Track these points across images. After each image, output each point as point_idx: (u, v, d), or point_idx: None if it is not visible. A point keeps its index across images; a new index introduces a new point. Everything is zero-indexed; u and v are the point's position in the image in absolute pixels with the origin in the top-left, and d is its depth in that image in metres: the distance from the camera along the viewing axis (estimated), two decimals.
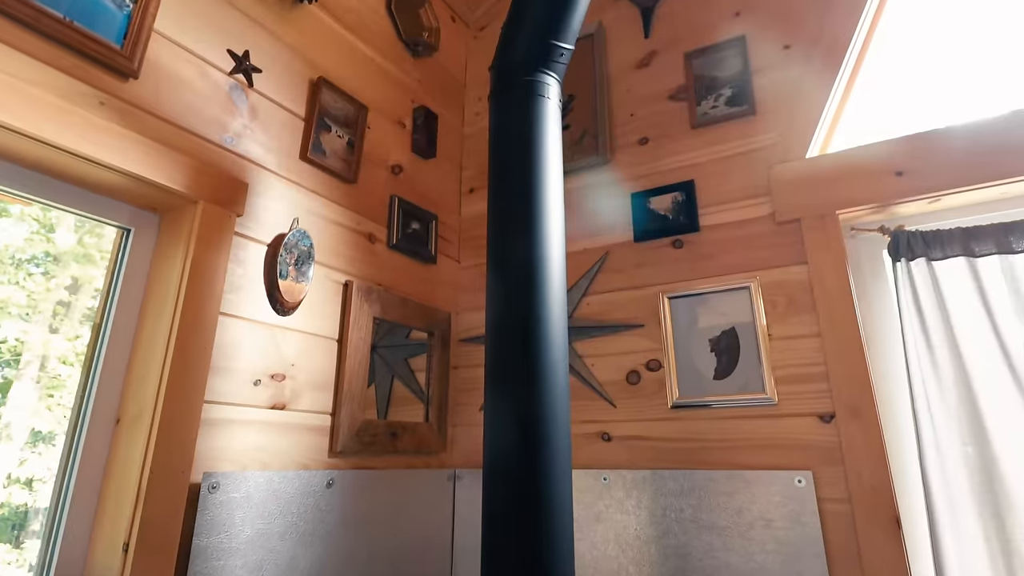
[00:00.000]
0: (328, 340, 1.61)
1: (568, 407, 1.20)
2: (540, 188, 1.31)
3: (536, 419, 1.14)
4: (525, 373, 1.17)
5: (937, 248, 1.48)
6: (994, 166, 1.42)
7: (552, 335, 1.21)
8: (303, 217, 1.60)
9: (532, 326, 1.20)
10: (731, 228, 1.73)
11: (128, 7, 1.28)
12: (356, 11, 1.95)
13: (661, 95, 1.99)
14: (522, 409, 1.15)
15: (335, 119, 1.75)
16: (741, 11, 1.92)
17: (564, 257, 1.31)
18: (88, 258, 1.39)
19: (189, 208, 1.34)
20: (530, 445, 1.13)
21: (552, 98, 1.42)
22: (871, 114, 1.74)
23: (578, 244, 1.98)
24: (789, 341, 1.57)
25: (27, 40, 1.11)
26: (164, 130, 1.31)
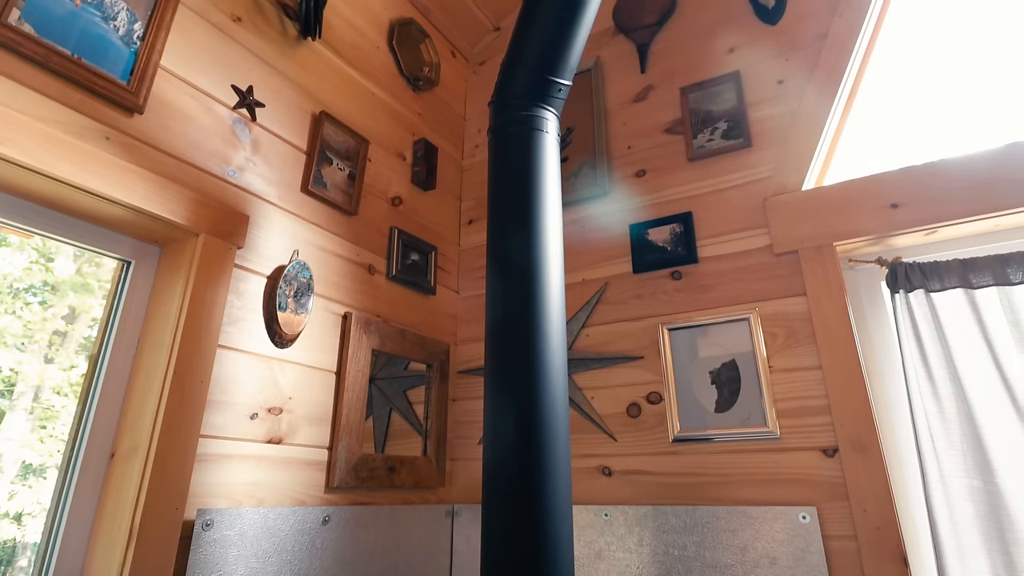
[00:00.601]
0: (326, 373, 1.60)
1: (568, 440, 1.19)
2: (539, 220, 1.32)
3: (536, 453, 1.13)
4: (525, 406, 1.16)
5: (935, 280, 1.48)
6: (989, 198, 1.43)
7: (551, 367, 1.20)
8: (303, 249, 1.61)
9: (531, 358, 1.19)
10: (729, 259, 1.73)
11: (136, 45, 1.31)
12: (359, 47, 1.99)
13: (658, 128, 2.02)
14: (521, 443, 1.14)
15: (336, 152, 1.77)
16: (735, 47, 1.96)
17: (563, 288, 1.31)
18: (86, 287, 1.39)
19: (190, 241, 1.34)
20: (530, 479, 1.11)
21: (551, 132, 1.44)
22: (866, 147, 1.76)
23: (577, 275, 1.98)
24: (790, 374, 1.56)
25: (37, 77, 1.13)
26: (168, 164, 1.32)
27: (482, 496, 1.17)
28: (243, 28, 1.58)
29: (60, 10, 1.20)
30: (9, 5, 1.11)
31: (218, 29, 1.51)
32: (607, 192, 2.02)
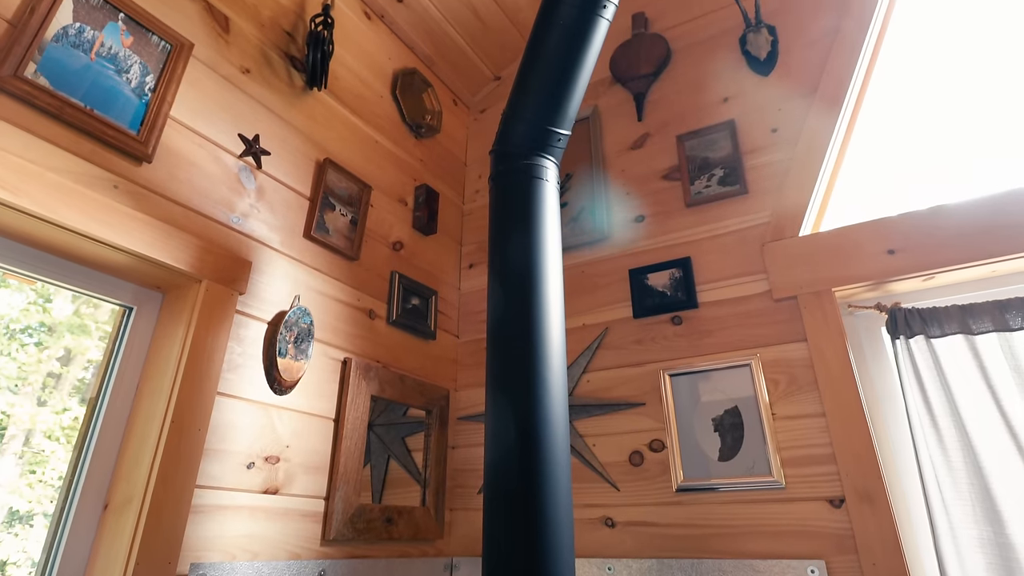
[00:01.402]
0: (324, 420, 1.58)
1: (570, 490, 1.17)
2: (539, 266, 1.33)
3: (538, 503, 1.11)
4: (526, 454, 1.14)
5: (935, 326, 1.49)
6: (985, 244, 1.45)
7: (553, 415, 1.19)
8: (304, 294, 1.61)
9: (533, 406, 1.18)
10: (729, 305, 1.74)
11: (147, 96, 1.34)
12: (363, 96, 2.05)
13: (655, 175, 2.05)
14: (523, 492, 1.12)
15: (339, 198, 1.80)
16: (729, 97, 2.02)
17: (564, 333, 1.31)
18: (83, 328, 1.39)
19: (193, 287, 1.35)
20: (531, 531, 1.09)
21: (550, 180, 1.46)
22: (862, 193, 1.79)
23: (577, 320, 1.99)
24: (793, 421, 1.54)
25: (50, 128, 1.16)
26: (173, 211, 1.34)
27: (483, 549, 1.14)
28: (251, 79, 1.63)
29: (75, 64, 1.24)
30: (26, 59, 1.15)
31: (227, 81, 1.56)
32: (606, 237, 2.04)
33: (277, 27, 1.77)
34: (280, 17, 1.79)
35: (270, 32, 1.74)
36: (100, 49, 1.28)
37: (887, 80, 1.87)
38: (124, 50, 1.33)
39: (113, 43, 1.31)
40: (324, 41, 1.78)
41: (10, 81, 1.11)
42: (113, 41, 1.31)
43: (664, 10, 2.31)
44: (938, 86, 1.80)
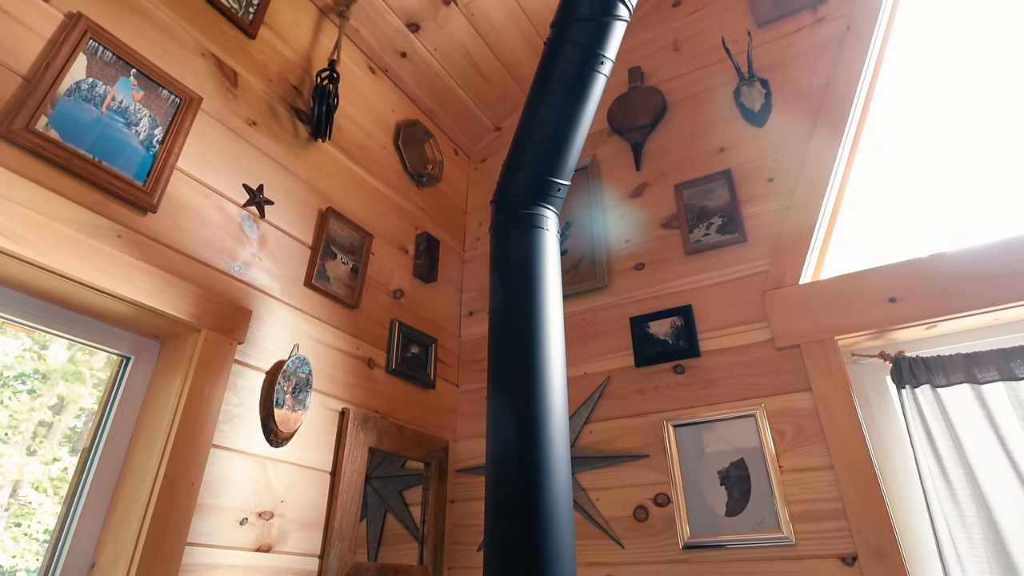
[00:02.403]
0: (321, 473, 1.54)
1: (573, 548, 1.13)
2: (540, 315, 1.33)
3: (540, 564, 1.07)
4: (527, 510, 1.11)
5: (940, 375, 1.47)
6: (986, 293, 1.45)
7: (555, 467, 1.16)
8: (304, 343, 1.60)
9: (534, 457, 1.16)
10: (732, 353, 1.73)
11: (155, 148, 1.37)
12: (366, 147, 2.09)
13: (655, 223, 2.07)
14: (525, 551, 1.08)
15: (341, 246, 1.81)
16: (725, 147, 2.06)
17: (565, 382, 1.29)
18: (78, 376, 1.37)
19: (192, 336, 1.34)
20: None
21: (550, 229, 1.47)
22: (860, 240, 1.80)
23: (579, 368, 1.97)
24: (801, 474, 1.51)
25: (58, 179, 1.18)
26: (176, 260, 1.34)
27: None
28: (257, 131, 1.66)
29: (86, 117, 1.26)
30: (38, 113, 1.17)
31: (234, 133, 1.59)
32: (607, 285, 2.04)
33: (284, 81, 1.82)
34: (287, 72, 1.84)
35: (277, 86, 1.79)
36: (111, 103, 1.32)
37: (881, 129, 1.91)
38: (134, 104, 1.36)
39: (124, 97, 1.34)
40: (329, 95, 1.83)
41: (21, 134, 1.13)
42: (124, 95, 1.35)
43: (659, 65, 2.38)
44: (934, 134, 1.84)
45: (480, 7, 2.25)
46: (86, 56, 1.29)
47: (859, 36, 1.95)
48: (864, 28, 1.96)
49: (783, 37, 2.13)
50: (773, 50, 2.12)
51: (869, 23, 1.95)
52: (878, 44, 1.96)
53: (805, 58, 2.04)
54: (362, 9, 2.10)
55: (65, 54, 1.24)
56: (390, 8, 2.14)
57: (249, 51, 1.72)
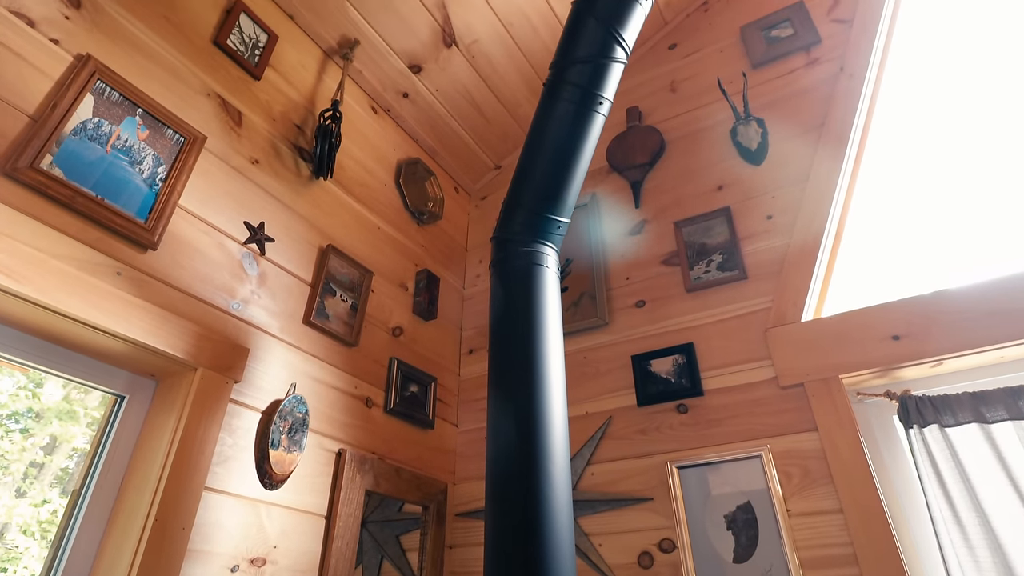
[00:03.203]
0: (315, 517, 1.50)
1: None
2: (540, 353, 1.31)
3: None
4: (528, 557, 1.07)
5: (948, 414, 1.45)
6: (991, 330, 1.44)
7: (557, 511, 1.13)
8: (301, 381, 1.58)
9: (535, 501, 1.12)
10: (735, 392, 1.70)
11: (157, 186, 1.38)
12: (367, 185, 2.11)
13: (654, 260, 2.07)
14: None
15: (340, 284, 1.80)
16: (723, 185, 2.07)
17: (566, 422, 1.27)
18: (72, 415, 1.34)
19: (188, 375, 1.32)
20: None
21: (550, 267, 1.47)
22: (861, 277, 1.80)
23: (581, 407, 1.94)
24: (810, 518, 1.46)
25: (60, 217, 1.18)
26: (174, 297, 1.33)
27: None
28: (260, 169, 1.68)
29: (91, 155, 1.27)
30: (44, 151, 1.18)
31: (237, 171, 1.60)
32: (607, 322, 2.03)
33: (288, 121, 1.85)
34: (291, 111, 1.87)
35: (280, 125, 1.81)
36: (116, 142, 1.33)
37: (879, 166, 1.93)
38: (139, 143, 1.38)
39: (129, 136, 1.36)
40: (332, 134, 1.85)
41: (25, 172, 1.14)
42: (129, 134, 1.36)
43: (657, 105, 2.42)
44: (933, 170, 1.85)
45: (481, 49, 2.30)
46: (93, 96, 1.31)
47: (852, 76, 1.99)
48: (857, 69, 2.00)
49: (778, 78, 2.17)
50: (768, 90, 2.16)
51: (862, 64, 2.00)
52: (871, 84, 2.00)
53: (800, 98, 2.08)
54: (365, 51, 2.15)
55: (72, 94, 1.26)
56: (393, 51, 2.19)
57: (254, 92, 1.75)
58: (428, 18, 2.15)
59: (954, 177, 1.81)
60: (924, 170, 1.87)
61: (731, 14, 2.45)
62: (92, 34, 1.36)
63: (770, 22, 2.28)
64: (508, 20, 2.26)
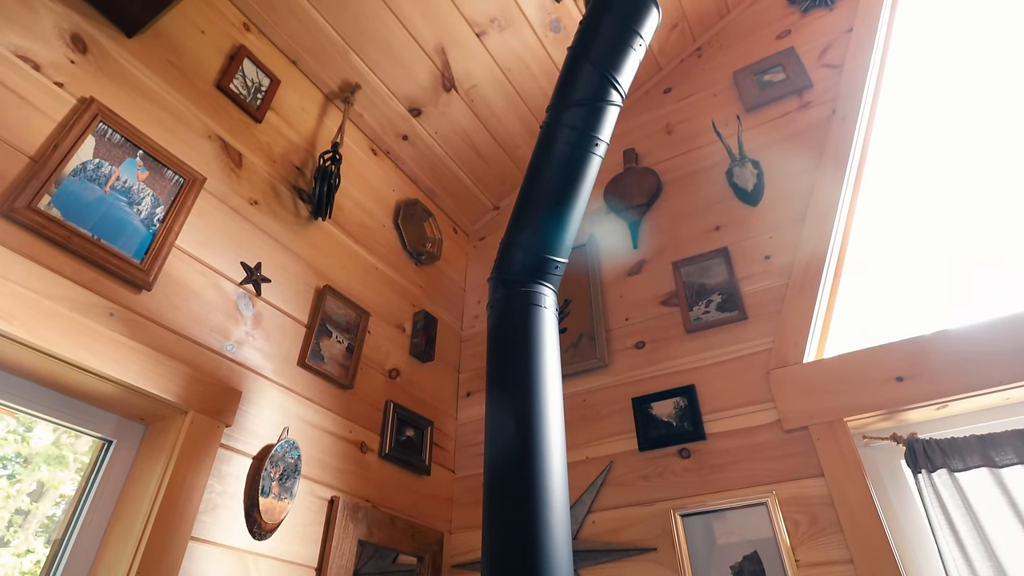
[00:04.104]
0: (305, 569, 1.44)
1: None
2: (539, 395, 1.28)
3: None
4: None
5: (956, 458, 1.41)
6: (995, 371, 1.41)
7: (556, 562, 1.08)
8: (294, 425, 1.54)
9: (534, 554, 1.08)
10: (739, 436, 1.66)
11: (155, 226, 1.37)
12: (365, 226, 2.11)
13: (654, 300, 2.06)
14: None
15: (337, 325, 1.78)
16: (721, 225, 2.08)
17: (566, 469, 1.23)
18: (60, 460, 1.30)
19: (178, 418, 1.29)
20: None
21: (548, 307, 1.45)
22: (863, 316, 1.78)
23: (580, 452, 1.89)
24: (820, 569, 1.41)
25: (55, 257, 1.17)
26: (167, 339, 1.31)
27: None
28: (259, 210, 1.68)
29: (89, 196, 1.27)
30: (42, 192, 1.19)
31: (235, 212, 1.60)
32: (607, 364, 2.00)
33: (288, 162, 1.86)
34: (291, 153, 1.89)
35: (280, 167, 1.83)
36: (115, 183, 1.33)
37: (875, 208, 1.94)
38: (138, 183, 1.38)
39: (129, 177, 1.36)
40: (331, 175, 1.87)
41: (22, 212, 1.13)
42: (129, 175, 1.37)
43: (653, 147, 2.46)
44: (930, 210, 1.86)
45: (479, 93, 2.35)
46: (95, 138, 1.32)
47: (845, 119, 2.02)
48: (849, 112, 2.03)
49: (771, 121, 2.21)
50: (762, 132, 2.20)
51: (853, 107, 2.03)
52: (864, 125, 2.03)
53: (794, 140, 2.11)
54: (366, 95, 2.19)
55: (74, 136, 1.27)
56: (393, 94, 2.23)
57: (255, 134, 1.77)
58: (428, 64, 2.19)
59: (953, 214, 1.82)
60: (922, 209, 1.88)
61: (724, 59, 2.51)
62: (97, 78, 1.38)
63: (762, 67, 2.34)
64: (506, 65, 2.31)
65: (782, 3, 2.51)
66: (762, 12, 2.55)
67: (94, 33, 1.41)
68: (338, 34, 2.03)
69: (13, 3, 1.26)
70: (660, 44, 2.57)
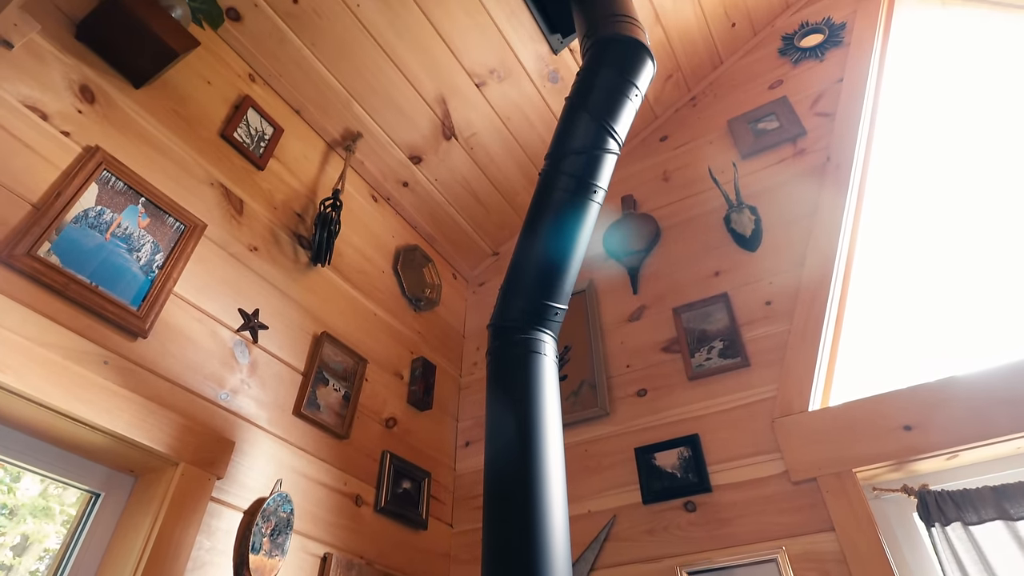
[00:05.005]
0: None
1: None
2: (539, 446, 1.25)
3: None
4: None
5: (970, 511, 1.37)
6: (1006, 419, 1.38)
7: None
8: (288, 477, 1.50)
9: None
10: (745, 488, 1.62)
11: (153, 273, 1.37)
12: (364, 272, 2.11)
13: (655, 347, 2.04)
14: None
15: (333, 372, 1.76)
16: (720, 271, 2.08)
17: (567, 523, 1.18)
18: (46, 512, 1.26)
19: (168, 471, 1.25)
20: None
21: (548, 355, 1.43)
22: (867, 362, 1.76)
23: (583, 505, 1.83)
24: None
25: (52, 304, 1.16)
26: (161, 387, 1.29)
27: None
28: (258, 256, 1.68)
29: (89, 243, 1.27)
30: (42, 239, 1.18)
31: (235, 258, 1.60)
32: (608, 412, 1.97)
33: (289, 209, 1.87)
34: (292, 200, 1.90)
35: (281, 213, 1.84)
36: (116, 229, 1.33)
37: (875, 253, 1.94)
38: (139, 230, 1.38)
39: (130, 224, 1.37)
40: (332, 221, 1.87)
41: (21, 259, 1.13)
42: (130, 222, 1.37)
43: (650, 193, 2.48)
44: (931, 254, 1.85)
45: (479, 141, 2.39)
46: (98, 185, 1.33)
47: (839, 166, 2.05)
48: (843, 159, 2.06)
49: (767, 167, 2.24)
50: (759, 179, 2.22)
51: (847, 154, 2.06)
52: (859, 171, 2.05)
53: (790, 186, 2.13)
54: (367, 143, 2.22)
55: (78, 184, 1.28)
56: (394, 143, 2.27)
57: (257, 181, 1.79)
58: (429, 113, 2.24)
59: (957, 257, 1.81)
60: (925, 252, 1.88)
61: (718, 108, 2.57)
62: (103, 127, 1.40)
63: (755, 116, 2.39)
64: (505, 114, 2.36)
65: (773, 55, 2.58)
66: (754, 63, 2.63)
67: (102, 84, 1.44)
68: (341, 84, 2.07)
69: (26, 56, 1.29)
70: (655, 94, 2.63)
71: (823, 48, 2.44)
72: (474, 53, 2.15)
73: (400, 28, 2.01)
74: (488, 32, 2.12)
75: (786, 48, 2.55)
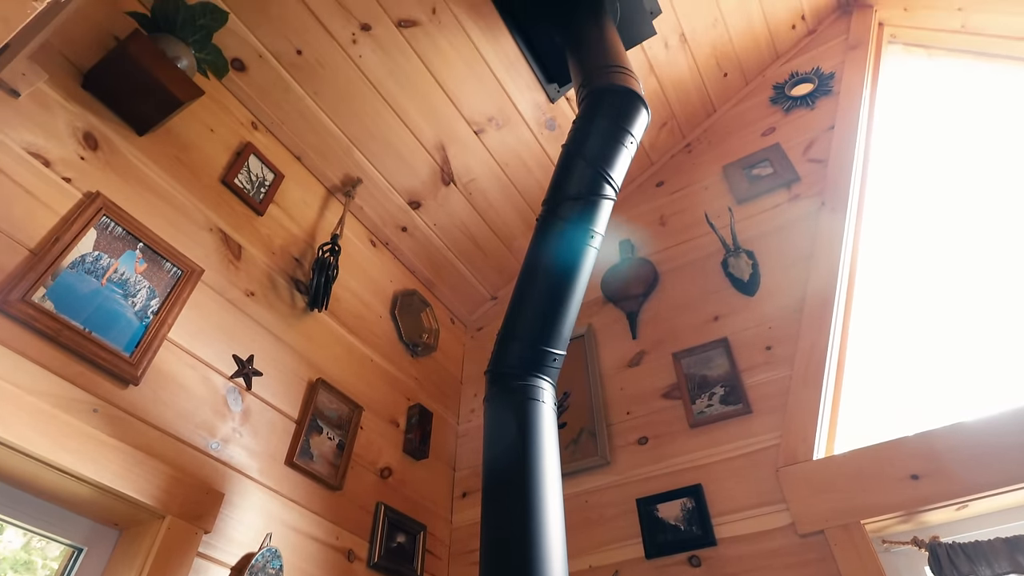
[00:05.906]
0: None
1: None
2: (537, 497, 1.21)
3: None
4: None
5: (983, 564, 1.32)
6: (1017, 466, 1.34)
7: None
8: (278, 531, 1.45)
9: None
10: (751, 541, 1.56)
11: (148, 319, 1.35)
12: (362, 317, 2.10)
13: (655, 393, 2.01)
14: None
15: (328, 420, 1.72)
16: (719, 316, 2.07)
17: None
18: (28, 566, 1.21)
19: (154, 524, 1.21)
20: None
21: (547, 401, 1.41)
22: (872, 409, 1.73)
23: (583, 560, 1.76)
24: None
25: (44, 351, 1.14)
26: (151, 436, 1.26)
27: None
28: (254, 302, 1.67)
29: (85, 288, 1.27)
30: (38, 285, 1.18)
31: (231, 304, 1.59)
32: (609, 461, 1.92)
33: (287, 254, 1.88)
34: (291, 245, 1.91)
35: (280, 258, 1.84)
36: (112, 275, 1.33)
37: (874, 297, 1.94)
38: (136, 276, 1.38)
39: (126, 269, 1.36)
40: (330, 266, 1.87)
41: (15, 305, 1.12)
42: (127, 268, 1.36)
43: (648, 238, 2.50)
44: (928, 297, 1.85)
45: (478, 187, 2.42)
46: (96, 231, 1.33)
47: (834, 210, 2.07)
48: (838, 204, 2.08)
49: (763, 212, 2.26)
50: (755, 224, 2.24)
51: (841, 199, 2.08)
52: (854, 215, 2.07)
53: (786, 231, 2.14)
54: (367, 189, 2.25)
55: (76, 229, 1.28)
56: (393, 188, 2.30)
57: (256, 226, 1.79)
58: (428, 159, 2.27)
59: (957, 300, 1.81)
60: (924, 295, 1.87)
61: (713, 154, 2.61)
62: (104, 173, 1.41)
63: (750, 162, 2.42)
64: (503, 160, 2.39)
65: (765, 103, 2.65)
66: (747, 112, 2.69)
67: (106, 131, 1.46)
68: (342, 131, 2.11)
69: (32, 104, 1.31)
70: (651, 140, 2.68)
71: (813, 97, 2.50)
72: (473, 101, 2.20)
73: (400, 77, 2.06)
74: (486, 81, 2.18)
75: (777, 97, 2.61)
